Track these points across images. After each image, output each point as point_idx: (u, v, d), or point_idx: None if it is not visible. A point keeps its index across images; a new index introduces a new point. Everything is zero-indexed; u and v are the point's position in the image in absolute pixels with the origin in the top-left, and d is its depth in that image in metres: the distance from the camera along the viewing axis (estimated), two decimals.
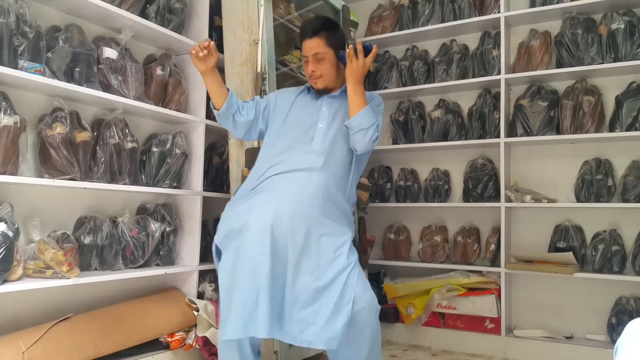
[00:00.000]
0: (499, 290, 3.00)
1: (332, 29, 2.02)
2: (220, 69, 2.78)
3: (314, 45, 1.98)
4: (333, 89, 2.04)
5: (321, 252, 1.78)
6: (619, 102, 2.83)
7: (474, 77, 3.24)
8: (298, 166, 1.87)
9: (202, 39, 1.98)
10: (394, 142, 3.47)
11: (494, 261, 3.10)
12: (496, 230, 3.13)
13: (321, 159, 1.89)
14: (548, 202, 2.95)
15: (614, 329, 2.72)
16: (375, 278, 3.38)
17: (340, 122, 1.97)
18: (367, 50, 1.87)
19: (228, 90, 2.00)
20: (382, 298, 3.35)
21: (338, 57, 1.99)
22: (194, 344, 2.43)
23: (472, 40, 3.35)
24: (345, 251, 1.82)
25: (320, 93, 2.04)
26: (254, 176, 1.96)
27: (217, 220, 2.90)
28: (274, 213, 1.77)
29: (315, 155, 1.90)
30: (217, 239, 1.88)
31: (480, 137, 3.19)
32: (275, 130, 2.02)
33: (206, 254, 2.80)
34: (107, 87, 2.30)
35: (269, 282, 1.70)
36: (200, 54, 1.86)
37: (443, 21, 3.34)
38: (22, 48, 1.95)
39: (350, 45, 1.87)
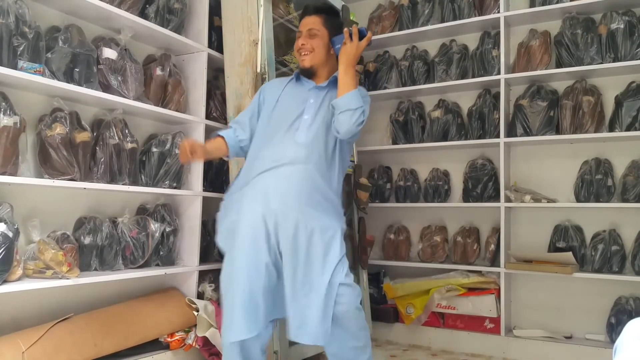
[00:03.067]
0: (498, 290, 3.00)
1: (333, 14, 2.07)
2: (220, 69, 2.80)
3: (310, 22, 2.02)
4: (320, 76, 2.04)
5: (311, 247, 1.80)
6: (618, 102, 2.83)
7: (473, 77, 3.24)
8: (282, 159, 1.88)
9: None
10: (394, 142, 3.47)
11: (494, 261, 3.10)
12: (496, 230, 3.13)
13: (305, 150, 1.89)
14: (548, 202, 2.95)
15: (614, 329, 2.72)
16: (375, 278, 3.39)
17: (325, 112, 1.96)
18: (362, 34, 1.91)
19: (222, 137, 2.04)
20: (381, 298, 3.36)
21: (331, 41, 2.01)
22: (193, 344, 2.43)
23: (471, 40, 3.34)
24: (335, 245, 1.83)
25: (307, 75, 2.04)
26: (244, 171, 1.99)
27: (216, 221, 2.92)
28: (262, 210, 1.81)
29: (299, 146, 1.90)
30: (219, 242, 1.94)
31: (480, 137, 3.19)
32: (263, 124, 2.03)
33: (206, 254, 2.80)
34: (106, 88, 2.30)
35: (247, 286, 1.76)
36: (193, 161, 1.88)
37: (443, 21, 3.34)
38: (21, 48, 1.95)
39: (346, 29, 1.90)
